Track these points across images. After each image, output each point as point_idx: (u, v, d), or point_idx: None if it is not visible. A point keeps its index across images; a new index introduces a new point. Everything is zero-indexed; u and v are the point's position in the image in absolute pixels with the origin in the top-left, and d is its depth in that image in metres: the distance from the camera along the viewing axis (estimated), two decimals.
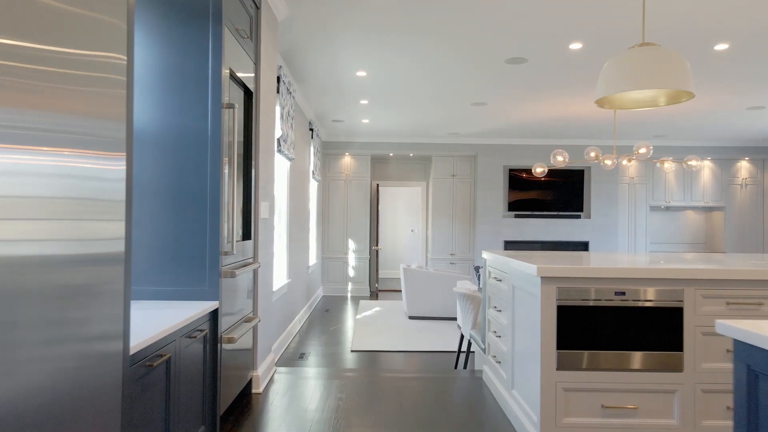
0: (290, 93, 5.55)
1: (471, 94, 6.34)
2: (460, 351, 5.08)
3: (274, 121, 4.28)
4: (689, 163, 6.61)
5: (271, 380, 3.83)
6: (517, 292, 2.92)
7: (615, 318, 2.48)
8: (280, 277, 5.76)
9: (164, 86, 2.68)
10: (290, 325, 6.24)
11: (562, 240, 9.80)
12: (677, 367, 2.48)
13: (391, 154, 10.17)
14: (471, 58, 4.97)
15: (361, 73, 5.56)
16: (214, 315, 2.65)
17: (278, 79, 5.06)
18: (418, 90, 6.20)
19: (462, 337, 5.06)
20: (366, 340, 6.17)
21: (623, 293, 2.48)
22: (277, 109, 5.10)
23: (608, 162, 6.74)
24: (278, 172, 5.72)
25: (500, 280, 3.32)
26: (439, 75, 5.56)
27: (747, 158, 9.93)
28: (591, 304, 2.48)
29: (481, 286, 6.19)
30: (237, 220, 3.17)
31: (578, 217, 9.79)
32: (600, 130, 8.65)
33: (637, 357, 2.47)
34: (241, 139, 3.25)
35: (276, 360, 5.11)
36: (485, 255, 3.72)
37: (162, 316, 2.25)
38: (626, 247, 9.87)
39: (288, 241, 6.01)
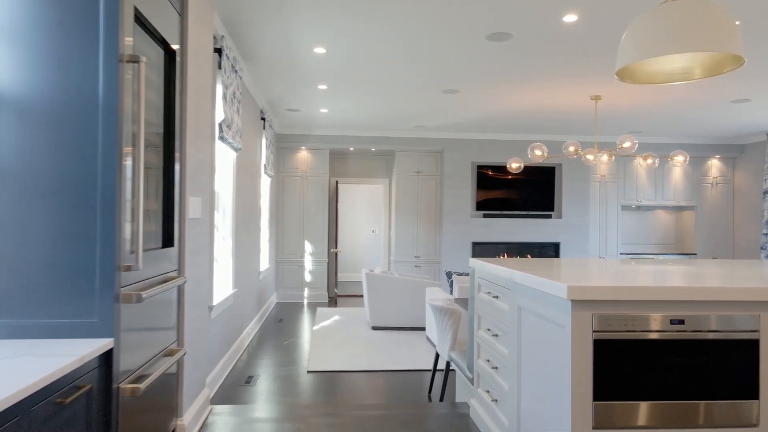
0: (236, 71, 4.72)
1: (443, 78, 5.66)
2: (435, 372, 4.37)
3: (211, 98, 3.46)
4: (675, 158, 6.13)
5: (204, 426, 3.02)
6: (527, 315, 2.22)
7: (671, 355, 1.81)
8: (223, 287, 4.92)
9: (31, 28, 1.85)
10: (237, 340, 5.40)
11: (533, 241, 9.27)
12: (749, 421, 1.84)
13: (351, 149, 9.41)
14: (447, 32, 4.27)
15: (320, 50, 4.79)
16: (106, 358, 1.84)
17: (220, 51, 4.23)
18: (384, 72, 5.47)
19: (437, 356, 4.36)
20: (324, 358, 5.39)
21: (681, 321, 1.81)
22: (219, 88, 4.27)
23: (590, 157, 6.19)
24: (221, 163, 4.89)
25: (497, 297, 2.62)
26: (409, 53, 4.85)
27: (718, 156, 9.67)
28: (638, 336, 1.80)
29: (456, 295, 5.52)
30: (155, 222, 2.35)
31: (549, 216, 9.29)
32: (576, 126, 8.15)
33: (697, 409, 1.81)
34: (160, 113, 2.43)
35: (212, 394, 4.27)
36: (473, 263, 3.02)
37: (12, 371, 1.44)
38: (597, 249, 9.45)
39: (234, 244, 5.18)
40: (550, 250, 9.36)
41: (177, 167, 2.62)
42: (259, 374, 4.84)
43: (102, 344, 1.78)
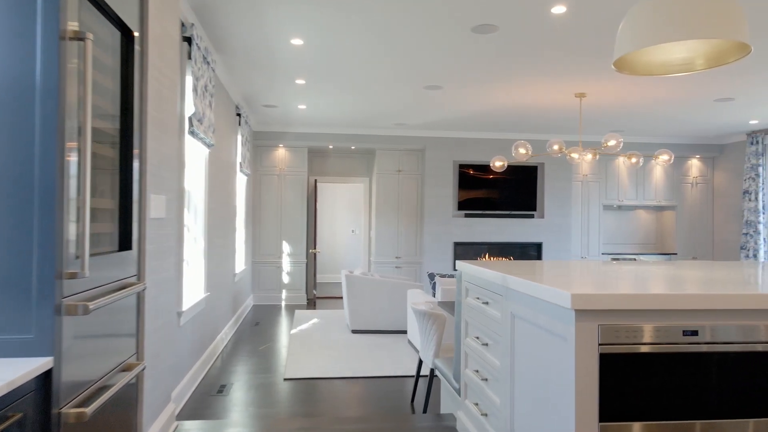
0: (208, 63, 4.47)
1: (426, 73, 5.46)
2: (418, 379, 4.18)
3: (178, 89, 3.21)
4: (660, 157, 6.04)
5: None
6: (522, 324, 2.03)
7: (684, 370, 1.63)
8: (195, 291, 4.65)
9: None
10: (210, 346, 5.14)
11: (515, 241, 9.15)
12: None
13: (330, 147, 9.17)
14: (430, 23, 4.08)
15: (297, 41, 4.55)
16: (45, 380, 1.60)
17: (189, 40, 3.98)
18: (364, 66, 5.26)
19: (420, 363, 4.17)
20: (302, 364, 5.16)
21: (695, 332, 1.64)
22: (189, 79, 4.01)
23: (575, 155, 6.06)
24: (192, 160, 4.62)
25: (487, 303, 2.43)
26: (391, 46, 4.64)
27: (698, 156, 9.66)
28: (647, 349, 1.62)
29: (439, 298, 5.34)
30: (111, 222, 2.11)
31: (531, 216, 9.17)
32: (560, 125, 8.04)
33: (714, 430, 1.64)
34: (116, 102, 2.19)
35: (181, 408, 4.02)
36: (461, 266, 2.83)
37: None
38: (579, 249, 9.36)
39: (207, 245, 4.91)
40: (532, 250, 9.25)
41: (136, 163, 2.37)
42: (232, 383, 4.59)
43: (39, 364, 1.54)
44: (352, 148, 9.18)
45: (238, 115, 6.76)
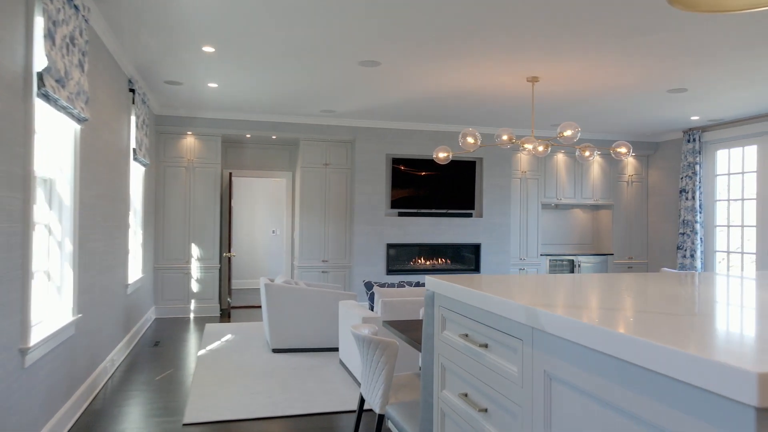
0: (75, 7, 3.32)
1: (361, 43, 4.57)
2: (360, 416, 3.27)
3: (17, 28, 2.11)
4: (617, 150, 5.51)
5: None
6: (572, 398, 1.18)
7: None
8: (56, 314, 3.48)
9: None
10: (85, 384, 3.95)
11: (453, 242, 8.46)
12: None
13: (248, 136, 8.05)
14: None
15: None
16: None
17: None
18: (288, 30, 4.28)
19: (362, 400, 3.26)
20: (209, 399, 4.10)
21: None
22: (40, 21, 2.87)
23: (528, 146, 5.40)
24: (52, 137, 3.45)
25: (485, 347, 1.57)
26: (320, 3, 3.70)
27: (633, 154, 9.44)
28: None
29: (378, 313, 4.45)
30: None
31: (469, 215, 8.53)
32: (507, 116, 7.40)
33: None
34: None
35: None
36: (433, 284, 1.96)
37: None
38: (518, 251, 8.84)
39: (78, 251, 3.74)
40: (470, 252, 8.61)
41: None
42: None
43: None
44: (273, 137, 8.12)
45: (132, 90, 5.54)
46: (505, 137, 5.40)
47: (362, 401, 3.28)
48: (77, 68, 3.39)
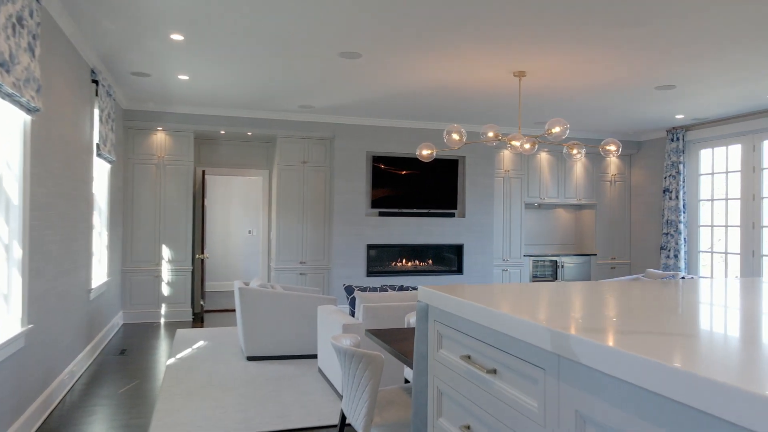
0: None
1: (342, 32, 4.29)
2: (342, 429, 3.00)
3: None
4: (607, 147, 5.32)
5: None
6: None
7: None
8: (0, 328, 3.13)
9: None
10: (38, 400, 3.60)
11: (435, 243, 8.23)
12: None
13: (222, 132, 7.70)
14: None
15: None
16: None
17: None
18: (263, 18, 3.98)
19: (343, 416, 2.99)
20: (177, 416, 3.78)
21: None
22: None
23: (516, 143, 5.19)
24: None
25: (494, 372, 1.32)
26: None
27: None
28: None
29: (360, 319, 4.18)
30: None
31: (452, 215, 8.30)
32: (492, 113, 7.19)
33: None
34: None
35: None
36: (426, 295, 1.70)
37: None
38: (501, 251, 8.65)
39: (29, 254, 3.39)
40: (453, 252, 8.39)
41: None
42: None
43: None
44: (249, 134, 7.78)
45: (95, 82, 5.17)
46: (491, 134, 5.18)
47: (344, 417, 3.01)
48: (26, 52, 3.05)
